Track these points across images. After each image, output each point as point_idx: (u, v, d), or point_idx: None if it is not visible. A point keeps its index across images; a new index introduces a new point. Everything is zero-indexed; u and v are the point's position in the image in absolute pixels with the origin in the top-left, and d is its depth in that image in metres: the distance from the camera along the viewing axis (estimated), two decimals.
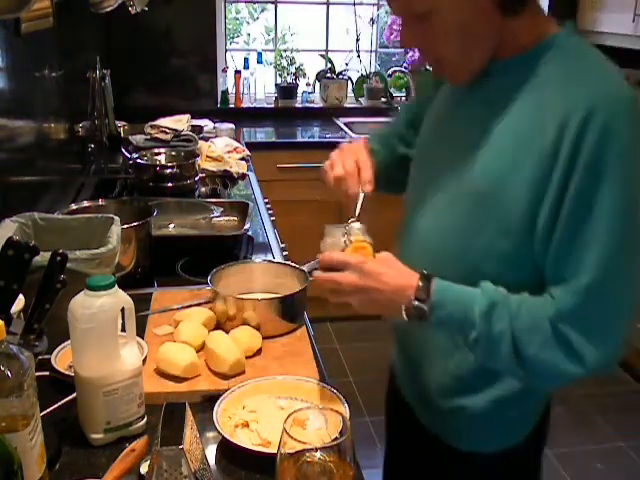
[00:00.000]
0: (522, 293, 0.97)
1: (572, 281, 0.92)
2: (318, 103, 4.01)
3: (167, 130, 2.81)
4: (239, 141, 3.05)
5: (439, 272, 1.00)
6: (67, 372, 1.15)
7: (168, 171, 2.32)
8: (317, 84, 4.00)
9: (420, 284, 0.97)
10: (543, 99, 0.94)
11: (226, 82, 3.84)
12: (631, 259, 0.92)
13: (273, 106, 3.94)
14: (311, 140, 3.61)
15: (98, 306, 0.98)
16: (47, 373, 1.16)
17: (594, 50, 0.98)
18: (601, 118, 0.88)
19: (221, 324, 1.39)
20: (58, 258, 1.03)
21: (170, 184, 2.29)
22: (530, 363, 0.95)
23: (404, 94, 4.10)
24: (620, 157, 0.88)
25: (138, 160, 2.35)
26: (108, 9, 2.32)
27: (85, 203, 1.78)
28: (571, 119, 0.89)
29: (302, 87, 3.96)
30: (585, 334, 0.92)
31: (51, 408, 1.09)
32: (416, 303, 0.96)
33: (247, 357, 1.26)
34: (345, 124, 3.76)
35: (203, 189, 2.43)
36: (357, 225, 1.11)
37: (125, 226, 1.52)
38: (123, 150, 2.67)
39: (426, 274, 0.98)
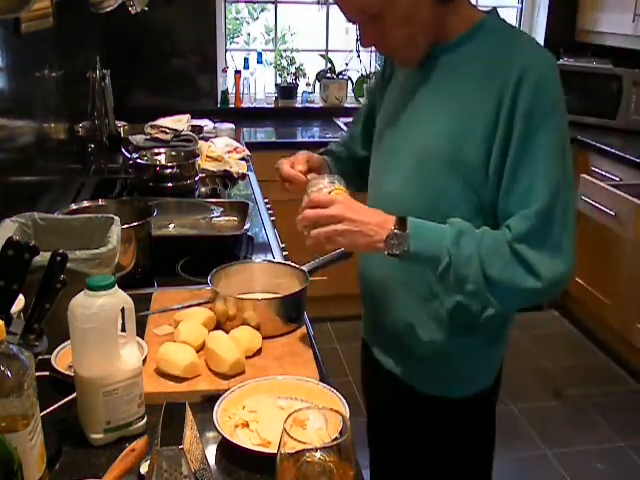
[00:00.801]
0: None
1: (522, 211, 1.07)
2: (318, 103, 4.01)
3: (167, 130, 2.81)
4: (239, 141, 3.05)
5: None
6: (67, 372, 1.15)
7: (168, 171, 2.32)
8: (317, 84, 4.00)
9: (398, 219, 1.11)
10: (483, 68, 1.11)
11: (226, 82, 3.84)
12: (567, 188, 1.09)
13: (273, 106, 3.94)
14: (311, 140, 3.61)
15: (98, 306, 0.98)
16: (47, 373, 1.16)
17: (517, 29, 1.23)
18: (533, 75, 1.06)
19: (221, 324, 1.39)
20: (58, 258, 1.03)
21: (170, 184, 2.29)
22: (495, 283, 1.08)
23: None
24: (552, 105, 1.07)
25: (138, 160, 2.35)
26: (108, 9, 2.32)
27: (85, 203, 1.78)
28: (509, 78, 1.07)
29: (302, 87, 3.96)
30: (539, 251, 1.07)
31: (51, 408, 1.09)
32: (397, 231, 1.09)
33: (247, 357, 1.26)
34: (345, 124, 3.76)
35: (203, 189, 2.43)
36: (337, 177, 1.25)
37: (125, 226, 1.52)
38: (123, 150, 2.67)
39: (400, 215, 1.11)
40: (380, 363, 1.36)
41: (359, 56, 4.01)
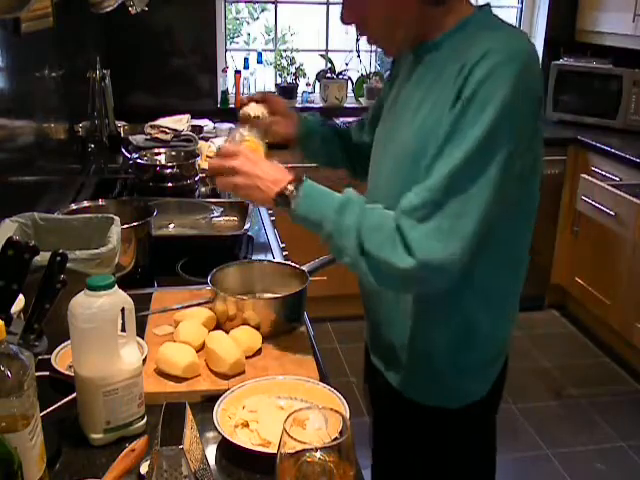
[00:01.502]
0: None
1: (420, 185, 1.03)
2: (318, 103, 4.01)
3: (167, 130, 2.81)
4: None
5: None
6: (67, 372, 1.15)
7: (168, 171, 2.32)
8: (317, 84, 4.00)
9: (293, 178, 1.13)
10: (455, 61, 1.05)
11: (226, 82, 3.84)
12: (478, 187, 1.00)
13: None
14: None
15: (98, 306, 0.98)
16: (47, 373, 1.16)
17: (505, 24, 1.12)
18: (492, 60, 0.99)
19: (221, 324, 1.39)
20: (58, 258, 1.03)
21: (170, 184, 2.29)
22: (370, 257, 1.05)
23: None
24: (496, 96, 0.98)
25: (138, 160, 2.35)
26: (108, 9, 2.32)
27: (85, 203, 1.78)
28: (465, 66, 1.01)
29: (302, 87, 3.96)
30: (419, 229, 1.01)
31: (51, 408, 1.09)
32: (288, 191, 1.11)
33: (247, 357, 1.26)
34: (345, 124, 3.75)
35: (203, 189, 2.42)
36: (255, 131, 1.30)
37: (125, 226, 1.52)
38: (123, 150, 2.67)
39: (301, 175, 1.14)
40: (379, 371, 1.35)
41: (359, 56, 4.01)
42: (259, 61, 3.89)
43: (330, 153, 1.58)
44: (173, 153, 2.50)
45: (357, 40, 3.95)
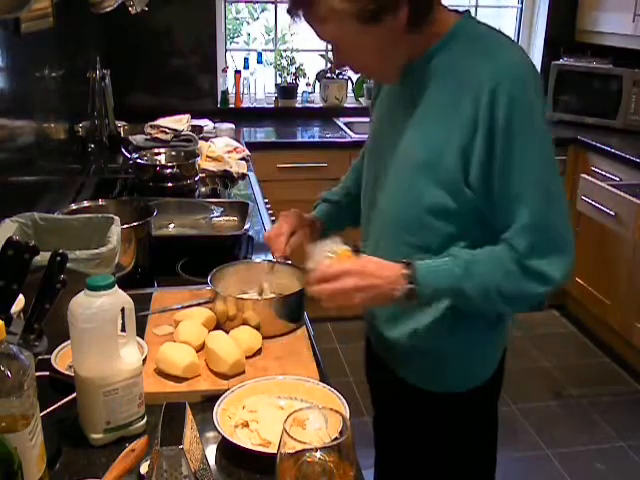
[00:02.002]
0: (484, 247, 1.15)
1: (517, 225, 1.11)
2: (318, 103, 4.01)
3: (167, 130, 2.81)
4: (239, 141, 3.05)
5: (400, 241, 1.22)
6: (67, 372, 1.15)
7: (168, 171, 2.32)
8: (317, 84, 4.00)
9: (405, 271, 1.13)
10: (456, 77, 1.13)
11: (226, 82, 3.84)
12: (556, 194, 1.13)
13: (273, 106, 3.94)
14: (311, 140, 3.61)
15: (98, 306, 0.98)
16: (47, 373, 1.16)
17: (492, 31, 1.18)
18: (506, 87, 1.07)
19: (221, 324, 1.39)
20: (58, 258, 1.03)
21: (170, 184, 2.29)
22: (510, 298, 1.15)
23: None
24: (529, 117, 1.09)
25: (138, 160, 2.35)
26: (108, 9, 2.32)
27: (85, 203, 1.78)
28: (482, 91, 1.08)
29: (302, 87, 3.96)
30: (546, 258, 1.11)
31: (51, 408, 1.09)
32: (410, 286, 1.12)
33: (247, 357, 1.26)
34: (345, 124, 3.76)
35: (203, 189, 2.43)
36: (337, 238, 1.24)
37: (125, 226, 1.52)
38: (123, 150, 2.67)
39: (406, 262, 1.14)
40: (382, 361, 1.38)
41: None
42: (259, 61, 3.89)
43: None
44: (173, 153, 2.50)
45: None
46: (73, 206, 1.74)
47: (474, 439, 1.36)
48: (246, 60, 3.85)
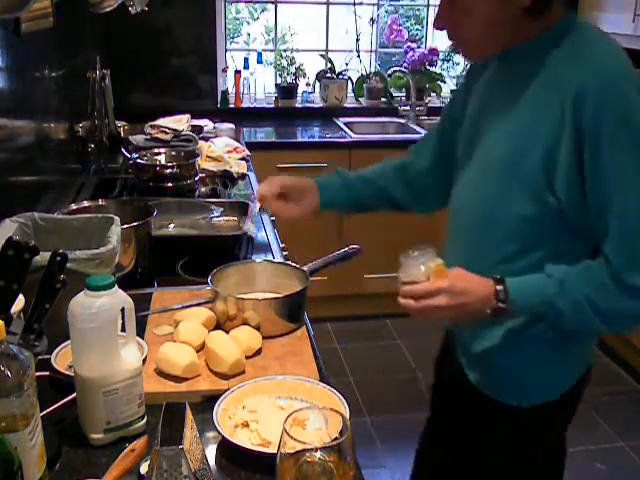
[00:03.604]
0: (581, 262, 1.12)
1: (611, 236, 1.06)
2: (318, 103, 4.01)
3: (167, 130, 2.81)
4: (239, 141, 3.05)
5: (478, 239, 1.21)
6: (67, 372, 1.15)
7: (168, 171, 2.32)
8: (317, 84, 4.00)
9: (498, 288, 1.12)
10: (553, 76, 1.10)
11: (226, 82, 3.84)
12: None
13: (273, 106, 3.94)
14: (311, 140, 3.61)
15: (98, 306, 0.98)
16: (47, 373, 1.16)
17: (597, 32, 1.14)
18: (594, 90, 1.03)
19: (221, 324, 1.39)
20: (58, 258, 1.03)
21: (170, 184, 2.29)
22: (607, 315, 1.10)
23: (404, 94, 4.10)
24: (619, 120, 1.02)
25: (138, 160, 2.35)
26: (108, 9, 2.32)
27: (85, 203, 1.78)
28: (569, 92, 1.04)
29: (302, 87, 3.96)
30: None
31: (51, 408, 1.09)
32: (500, 305, 1.12)
33: (247, 357, 1.26)
34: (345, 124, 3.76)
35: (203, 189, 2.43)
36: (430, 250, 1.19)
37: (125, 226, 1.52)
38: (123, 150, 2.67)
39: (498, 278, 1.13)
40: (457, 360, 1.35)
41: (359, 56, 4.01)
42: (259, 61, 3.89)
43: (363, 200, 1.51)
44: (173, 153, 2.50)
45: (357, 40, 3.95)
46: (73, 206, 1.74)
47: (529, 460, 1.32)
48: (246, 60, 3.85)
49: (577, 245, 1.14)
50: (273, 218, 2.19)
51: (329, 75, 3.96)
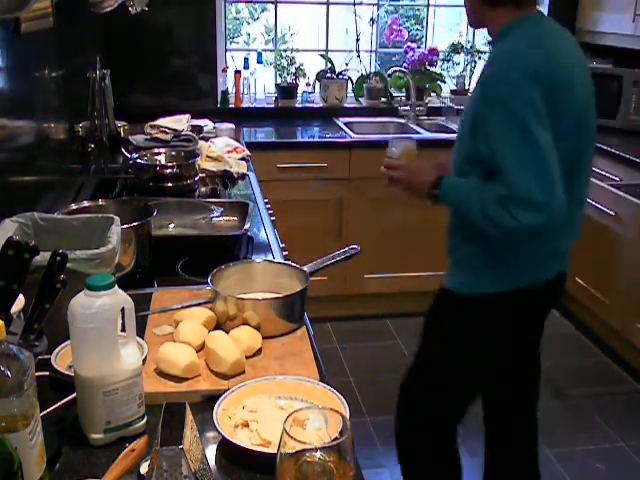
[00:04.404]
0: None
1: (501, 180, 1.50)
2: (318, 103, 4.01)
3: (167, 130, 2.81)
4: (239, 141, 3.05)
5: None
6: (67, 372, 1.15)
7: (168, 171, 2.32)
8: (317, 84, 4.00)
9: (435, 180, 1.63)
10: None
11: (226, 82, 3.84)
12: (530, 151, 1.48)
13: (273, 106, 3.94)
14: (311, 140, 3.61)
15: (98, 306, 0.98)
16: (47, 373, 1.16)
17: (532, 30, 1.58)
18: (491, 68, 1.56)
19: (221, 324, 1.39)
20: (58, 258, 1.03)
21: (170, 184, 2.29)
22: (490, 222, 1.53)
23: (404, 94, 4.10)
24: (501, 95, 1.50)
25: (138, 160, 2.35)
26: (108, 9, 2.32)
27: (85, 203, 1.78)
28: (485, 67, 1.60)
29: (302, 87, 3.96)
30: (516, 207, 1.48)
31: (51, 408, 1.09)
32: (433, 191, 1.63)
33: (247, 357, 1.26)
34: (345, 124, 3.76)
35: (203, 189, 2.43)
36: (410, 141, 1.87)
37: (125, 226, 1.52)
38: (123, 150, 2.67)
39: (441, 176, 1.63)
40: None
41: (359, 56, 4.01)
42: (259, 61, 3.89)
43: None
44: (173, 153, 2.50)
45: (357, 40, 3.95)
46: (73, 206, 1.74)
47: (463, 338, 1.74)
48: (246, 60, 3.85)
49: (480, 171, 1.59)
50: (273, 218, 2.19)
51: (329, 75, 3.96)
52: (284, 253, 1.90)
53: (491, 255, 1.66)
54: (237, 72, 3.82)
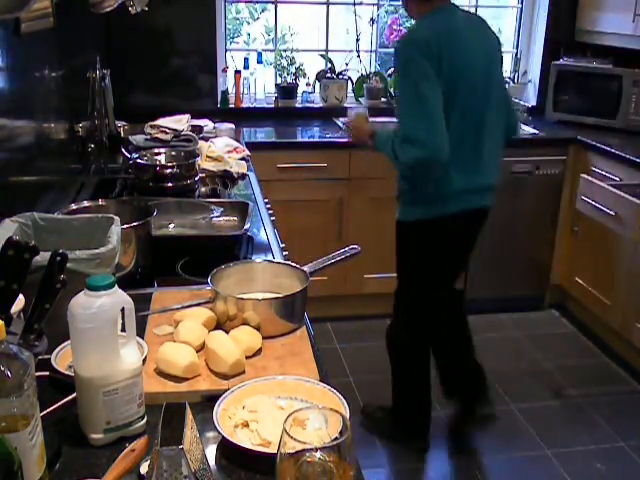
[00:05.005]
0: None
1: (399, 123, 2.12)
2: (318, 103, 4.01)
3: (167, 130, 2.81)
4: (239, 141, 3.05)
5: None
6: (67, 372, 1.15)
7: (168, 171, 2.32)
8: (317, 84, 4.00)
9: (370, 132, 2.33)
10: None
11: (226, 82, 3.84)
12: (418, 108, 2.05)
13: (273, 106, 3.94)
14: (311, 140, 3.61)
15: (98, 306, 0.98)
16: (47, 373, 1.16)
17: (433, 17, 2.15)
18: (399, 45, 2.15)
19: (221, 324, 1.39)
20: (58, 258, 1.03)
21: (170, 184, 2.29)
22: (397, 158, 2.13)
23: None
24: (402, 64, 2.11)
25: (138, 160, 2.35)
26: (108, 9, 2.32)
27: (85, 203, 1.78)
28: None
29: (302, 87, 3.96)
30: (402, 147, 2.08)
31: (51, 408, 1.09)
32: (369, 141, 2.32)
33: (247, 357, 1.26)
34: (345, 124, 3.75)
35: (203, 189, 2.43)
36: (365, 110, 2.76)
37: (125, 226, 1.52)
38: (123, 150, 2.67)
39: (374, 130, 2.33)
40: None
41: (359, 56, 4.01)
42: (259, 61, 3.89)
43: None
44: (173, 153, 2.50)
45: (357, 40, 3.95)
46: (73, 206, 1.74)
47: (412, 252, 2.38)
48: (246, 60, 3.84)
49: None
50: (273, 218, 2.19)
51: (329, 75, 3.96)
52: (284, 253, 1.90)
53: (415, 191, 2.25)
54: (237, 72, 3.81)
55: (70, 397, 1.09)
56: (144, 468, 0.94)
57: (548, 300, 3.85)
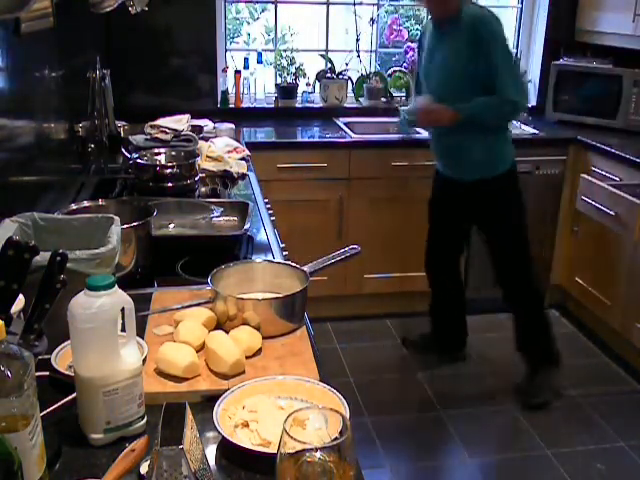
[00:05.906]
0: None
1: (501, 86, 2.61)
2: (318, 103, 4.01)
3: (167, 130, 2.81)
4: (239, 141, 3.05)
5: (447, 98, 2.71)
6: (67, 372, 1.15)
7: (168, 171, 2.33)
8: (317, 84, 4.00)
9: (447, 107, 2.65)
10: (464, 28, 2.58)
11: (226, 82, 3.84)
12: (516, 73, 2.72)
13: (273, 106, 3.94)
14: (311, 140, 3.61)
15: (98, 306, 0.98)
16: (47, 373, 1.16)
17: (478, 6, 2.70)
18: (479, 22, 2.57)
19: (221, 324, 1.39)
20: (58, 258, 1.03)
21: (170, 184, 2.29)
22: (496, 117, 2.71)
23: (404, 94, 4.10)
24: (492, 34, 2.57)
25: (138, 160, 2.35)
26: (108, 9, 2.32)
27: (85, 203, 1.78)
28: (471, 28, 2.58)
29: (302, 87, 3.96)
30: (515, 95, 2.60)
31: (51, 408, 1.09)
32: (452, 116, 2.66)
33: (247, 357, 1.26)
34: (345, 124, 3.76)
35: (203, 189, 2.43)
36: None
37: (125, 226, 1.52)
38: (123, 150, 2.67)
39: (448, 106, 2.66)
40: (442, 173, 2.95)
41: (359, 56, 4.01)
42: (259, 61, 3.89)
43: None
44: (173, 153, 2.50)
45: (357, 40, 3.95)
46: (73, 206, 1.74)
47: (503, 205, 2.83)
48: (246, 60, 3.84)
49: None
50: (273, 218, 2.19)
51: (329, 75, 3.96)
52: (284, 253, 1.90)
53: (496, 146, 2.75)
54: (237, 72, 3.81)
55: (70, 397, 1.09)
56: (144, 468, 0.94)
57: (548, 300, 3.84)
